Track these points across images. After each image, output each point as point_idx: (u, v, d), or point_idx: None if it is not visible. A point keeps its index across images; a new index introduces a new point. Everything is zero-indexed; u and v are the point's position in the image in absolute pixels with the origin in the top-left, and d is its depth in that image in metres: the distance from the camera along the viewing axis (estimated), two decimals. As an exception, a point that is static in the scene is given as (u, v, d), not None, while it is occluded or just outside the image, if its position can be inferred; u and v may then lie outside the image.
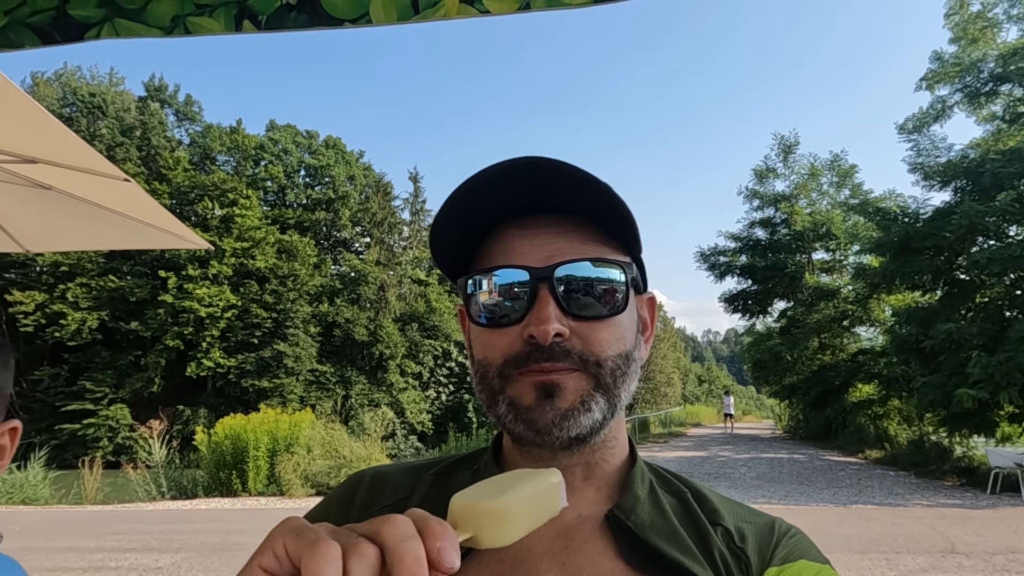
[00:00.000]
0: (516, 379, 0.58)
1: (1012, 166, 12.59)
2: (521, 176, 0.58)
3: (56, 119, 2.11)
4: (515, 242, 0.60)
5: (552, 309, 0.56)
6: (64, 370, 28.16)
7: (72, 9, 1.16)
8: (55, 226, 2.97)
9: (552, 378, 0.56)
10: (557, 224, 0.60)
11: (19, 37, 1.17)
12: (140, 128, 33.04)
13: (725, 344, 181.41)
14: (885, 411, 19.27)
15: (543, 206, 0.60)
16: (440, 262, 0.65)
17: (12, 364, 0.86)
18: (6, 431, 0.83)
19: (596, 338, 0.58)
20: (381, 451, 13.98)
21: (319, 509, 0.68)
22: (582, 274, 0.58)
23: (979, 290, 14.48)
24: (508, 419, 0.58)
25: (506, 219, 0.61)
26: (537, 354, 0.56)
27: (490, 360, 0.60)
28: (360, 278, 34.18)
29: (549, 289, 0.57)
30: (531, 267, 0.57)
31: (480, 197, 0.59)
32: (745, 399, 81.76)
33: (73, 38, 1.16)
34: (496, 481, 0.47)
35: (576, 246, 0.59)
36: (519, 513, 0.44)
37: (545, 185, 0.58)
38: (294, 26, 1.12)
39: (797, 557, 0.59)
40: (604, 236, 0.60)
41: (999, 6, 15.36)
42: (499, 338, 0.59)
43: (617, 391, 0.59)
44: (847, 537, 7.26)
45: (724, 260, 26.01)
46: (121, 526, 9.13)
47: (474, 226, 0.62)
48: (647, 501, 0.62)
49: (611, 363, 0.58)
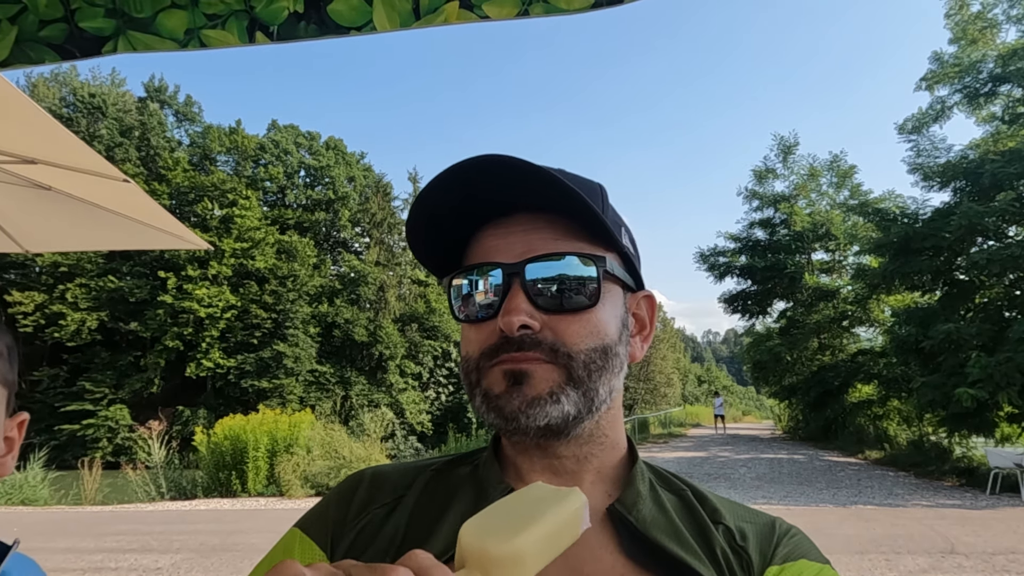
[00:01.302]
0: (489, 370, 0.59)
1: (1011, 167, 12.60)
2: (491, 176, 0.59)
3: (55, 120, 2.12)
4: (491, 241, 0.62)
5: (521, 302, 0.57)
6: (63, 371, 28.16)
7: (82, 21, 1.16)
8: (54, 226, 2.97)
9: (520, 366, 0.57)
10: (531, 222, 0.61)
11: (38, 54, 1.18)
12: (140, 129, 33.05)
13: (725, 345, 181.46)
14: (885, 411, 19.29)
15: (519, 205, 0.61)
16: (423, 260, 0.67)
17: (13, 354, 0.84)
18: (15, 424, 0.82)
19: (568, 331, 0.58)
20: (381, 452, 13.98)
21: (318, 509, 0.68)
22: (553, 267, 0.59)
23: (978, 290, 14.49)
24: (482, 409, 0.60)
25: (485, 220, 0.63)
26: (508, 345, 0.58)
27: (469, 354, 0.62)
28: (360, 278, 34.19)
29: (520, 283, 0.58)
30: (504, 263, 0.59)
31: (449, 196, 0.60)
32: (745, 400, 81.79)
33: (91, 53, 1.18)
34: (510, 508, 0.44)
35: (549, 242, 0.60)
36: (534, 554, 0.41)
37: (518, 183, 0.59)
38: (305, 35, 1.15)
39: (798, 556, 0.59)
40: (579, 232, 0.61)
41: (999, 7, 15.39)
42: (476, 333, 0.61)
43: (593, 384, 0.58)
44: (847, 537, 7.26)
45: (724, 261, 26.01)
46: (120, 527, 9.12)
47: (453, 226, 0.63)
48: (648, 498, 0.62)
49: (583, 356, 0.58)
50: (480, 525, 0.42)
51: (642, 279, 0.69)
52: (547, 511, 0.44)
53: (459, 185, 0.59)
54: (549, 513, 0.43)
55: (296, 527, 0.66)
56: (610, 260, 0.62)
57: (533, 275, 0.58)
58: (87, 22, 1.16)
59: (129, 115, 33.71)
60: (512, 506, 0.45)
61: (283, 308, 31.11)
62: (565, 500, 0.46)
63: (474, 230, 0.64)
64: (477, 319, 0.61)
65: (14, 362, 0.83)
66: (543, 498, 0.46)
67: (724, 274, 25.92)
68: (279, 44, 1.16)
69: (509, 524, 0.42)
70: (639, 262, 0.70)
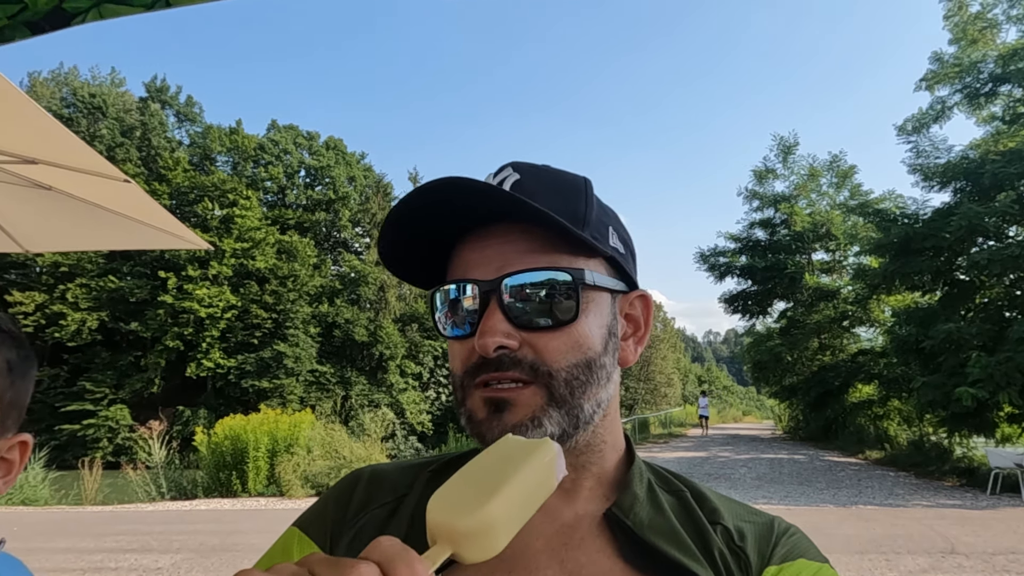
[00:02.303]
0: (471, 392, 0.59)
1: (1012, 167, 12.59)
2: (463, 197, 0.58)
3: (56, 120, 2.12)
4: (468, 255, 0.61)
5: (498, 321, 0.56)
6: (64, 371, 28.15)
7: (67, 3, 1.16)
8: (55, 226, 2.97)
9: (500, 394, 0.56)
10: (507, 234, 0.60)
11: (10, 32, 1.17)
12: (140, 129, 33.05)
13: (725, 345, 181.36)
14: (885, 412, 19.27)
15: (494, 217, 0.60)
16: (403, 277, 0.66)
17: (32, 375, 0.80)
18: (16, 444, 0.78)
19: (547, 347, 0.57)
20: (381, 452, 13.98)
21: (317, 508, 0.68)
22: (529, 282, 0.57)
23: (979, 290, 14.48)
24: (468, 430, 0.60)
25: (463, 233, 0.62)
26: (487, 365, 0.57)
27: (454, 371, 0.62)
28: (360, 278, 34.18)
29: (497, 300, 0.57)
30: (479, 280, 0.58)
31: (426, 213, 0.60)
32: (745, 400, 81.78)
33: (61, 25, 1.16)
34: (477, 472, 0.43)
35: (525, 256, 0.58)
36: (505, 520, 0.40)
37: (490, 206, 0.58)
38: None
39: (796, 556, 0.59)
40: (558, 242, 0.59)
41: (998, 7, 15.37)
42: (458, 349, 0.61)
43: (576, 402, 0.57)
44: (847, 537, 7.25)
45: (724, 261, 26.00)
46: (121, 527, 9.12)
47: (429, 242, 0.63)
48: (646, 500, 0.61)
49: (564, 374, 0.57)
50: (446, 498, 0.41)
51: (635, 278, 0.67)
52: (517, 470, 0.42)
53: (435, 204, 0.58)
54: (519, 472, 0.42)
55: (295, 526, 0.66)
56: (590, 270, 0.60)
57: (510, 292, 0.57)
58: (71, 2, 1.16)
59: (130, 115, 33.72)
60: (479, 470, 0.43)
61: (283, 308, 31.11)
62: (535, 453, 0.44)
63: (453, 240, 0.63)
64: (458, 336, 0.60)
65: (19, 378, 0.77)
66: (510, 456, 0.44)
67: (724, 274, 25.90)
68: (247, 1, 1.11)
69: (476, 492, 0.41)
70: (633, 259, 0.68)
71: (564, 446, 0.57)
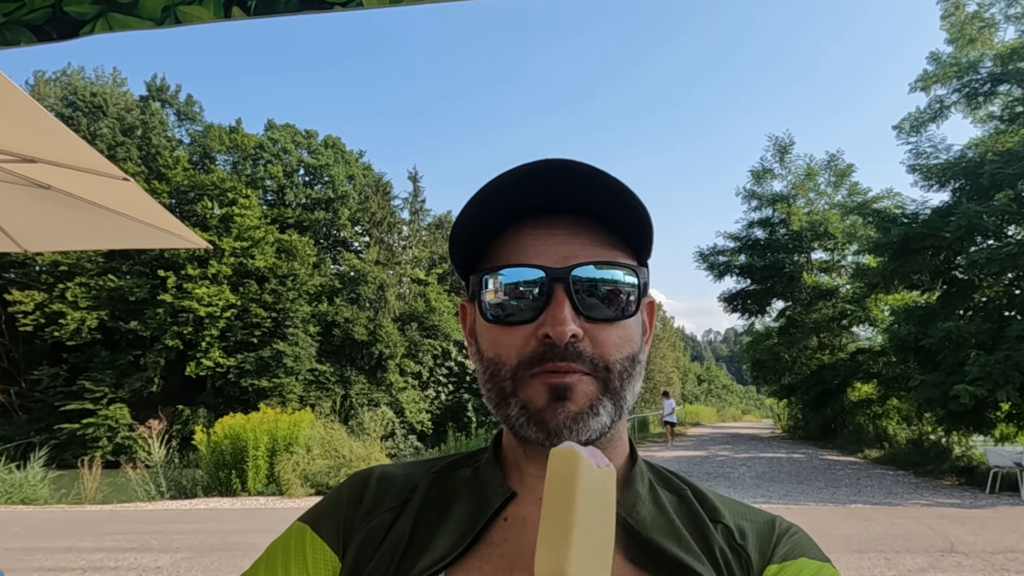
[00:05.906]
0: (528, 381, 0.57)
1: (1010, 166, 12.60)
2: (539, 177, 0.58)
3: (55, 119, 2.11)
4: (530, 241, 0.60)
5: (568, 310, 0.56)
6: (63, 370, 28.13)
7: (67, 6, 1.15)
8: (54, 226, 2.97)
9: (565, 380, 0.56)
10: (572, 226, 0.60)
11: (15, 35, 1.17)
12: (141, 128, 33.01)
13: (724, 344, 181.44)
14: (884, 410, 19.30)
15: (560, 207, 0.60)
16: (456, 262, 0.65)
17: None
18: None
19: (606, 341, 0.58)
20: (380, 451, 13.97)
21: (327, 507, 0.67)
22: (597, 276, 0.58)
23: (978, 289, 14.50)
24: (520, 422, 0.58)
25: (522, 219, 0.61)
26: (551, 354, 0.56)
27: (502, 359, 0.59)
28: (359, 278, 34.17)
29: (565, 289, 0.57)
30: (547, 267, 0.58)
31: (498, 198, 0.60)
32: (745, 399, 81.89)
33: (69, 35, 1.16)
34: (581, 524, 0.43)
35: (590, 248, 0.59)
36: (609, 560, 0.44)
37: (562, 186, 0.58)
38: (284, 10, 1.10)
39: (798, 555, 0.59)
40: (617, 239, 0.61)
41: (995, 6, 15.38)
42: (511, 336, 0.59)
43: (623, 394, 0.59)
44: (846, 537, 7.26)
45: (723, 260, 26.04)
46: (120, 526, 9.12)
47: (489, 226, 0.62)
48: (648, 499, 0.62)
49: (619, 366, 0.58)
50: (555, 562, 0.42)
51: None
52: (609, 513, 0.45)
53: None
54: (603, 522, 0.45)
55: (304, 524, 0.65)
56: (646, 271, 0.63)
57: (578, 282, 0.57)
58: (72, 6, 1.15)
59: (131, 114, 33.67)
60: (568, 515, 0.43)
61: (283, 307, 31.09)
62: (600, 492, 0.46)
63: (500, 227, 0.62)
64: (512, 321, 0.59)
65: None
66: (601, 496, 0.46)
67: (723, 273, 25.95)
68: (257, 19, 1.11)
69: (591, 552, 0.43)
70: None
71: (605, 436, 0.59)
